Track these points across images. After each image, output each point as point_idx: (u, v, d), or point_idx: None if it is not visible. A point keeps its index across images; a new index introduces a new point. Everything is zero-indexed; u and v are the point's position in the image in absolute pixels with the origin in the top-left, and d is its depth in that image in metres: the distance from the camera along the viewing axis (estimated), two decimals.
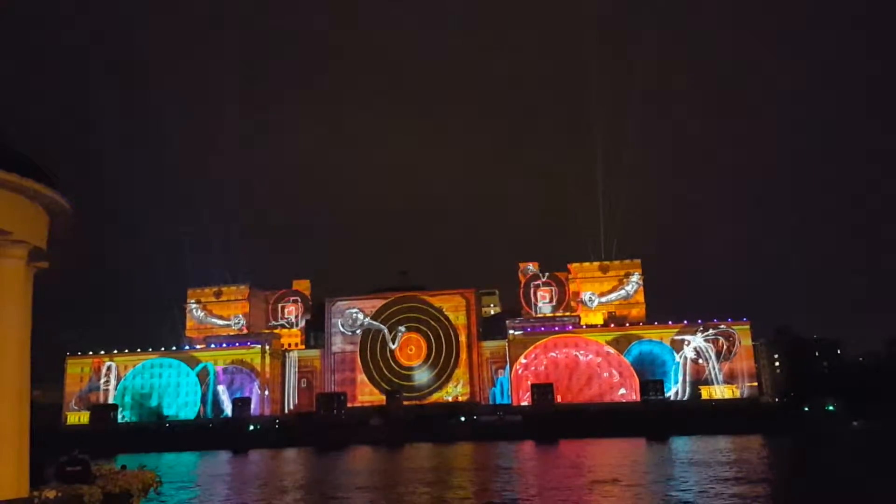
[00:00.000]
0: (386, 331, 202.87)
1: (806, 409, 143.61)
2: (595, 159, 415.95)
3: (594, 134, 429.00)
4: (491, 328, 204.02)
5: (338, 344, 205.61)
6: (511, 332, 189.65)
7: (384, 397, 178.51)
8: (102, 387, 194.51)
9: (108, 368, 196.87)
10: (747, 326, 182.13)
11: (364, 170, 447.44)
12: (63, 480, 20.90)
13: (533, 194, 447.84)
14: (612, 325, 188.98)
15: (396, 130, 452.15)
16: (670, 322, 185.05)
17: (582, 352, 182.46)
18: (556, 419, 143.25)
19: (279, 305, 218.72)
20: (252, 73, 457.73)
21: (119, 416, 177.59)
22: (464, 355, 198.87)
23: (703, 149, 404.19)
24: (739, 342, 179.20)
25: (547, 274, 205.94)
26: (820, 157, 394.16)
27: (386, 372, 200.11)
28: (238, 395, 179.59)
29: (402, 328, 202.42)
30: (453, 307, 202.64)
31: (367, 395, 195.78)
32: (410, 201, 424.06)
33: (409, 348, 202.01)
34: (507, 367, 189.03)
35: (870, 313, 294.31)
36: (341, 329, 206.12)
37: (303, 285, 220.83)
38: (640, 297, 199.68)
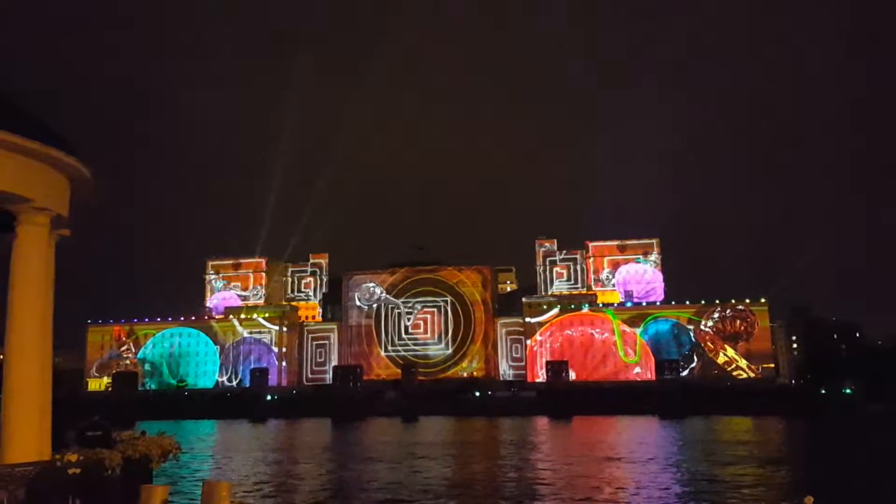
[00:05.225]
0: (402, 305, 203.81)
1: (823, 391, 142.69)
2: (614, 136, 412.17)
3: (613, 109, 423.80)
4: (507, 305, 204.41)
5: (354, 317, 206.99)
6: (527, 308, 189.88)
7: (399, 371, 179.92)
8: (123, 354, 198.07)
9: (129, 337, 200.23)
10: (765, 307, 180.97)
11: (380, 146, 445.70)
12: (84, 445, 21.27)
13: (552, 172, 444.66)
14: (629, 305, 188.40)
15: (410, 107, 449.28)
16: (687, 301, 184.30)
17: (598, 330, 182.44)
18: (570, 396, 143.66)
19: (297, 278, 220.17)
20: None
21: (139, 384, 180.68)
22: (480, 331, 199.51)
23: (728, 124, 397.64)
24: (757, 323, 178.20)
25: (564, 251, 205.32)
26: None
27: (401, 346, 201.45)
28: (256, 366, 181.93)
29: (418, 304, 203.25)
30: (470, 283, 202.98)
31: (383, 368, 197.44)
32: (430, 178, 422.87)
33: (424, 323, 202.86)
34: (523, 343, 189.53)
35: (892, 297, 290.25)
36: (358, 303, 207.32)
37: (321, 259, 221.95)
38: (658, 276, 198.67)
